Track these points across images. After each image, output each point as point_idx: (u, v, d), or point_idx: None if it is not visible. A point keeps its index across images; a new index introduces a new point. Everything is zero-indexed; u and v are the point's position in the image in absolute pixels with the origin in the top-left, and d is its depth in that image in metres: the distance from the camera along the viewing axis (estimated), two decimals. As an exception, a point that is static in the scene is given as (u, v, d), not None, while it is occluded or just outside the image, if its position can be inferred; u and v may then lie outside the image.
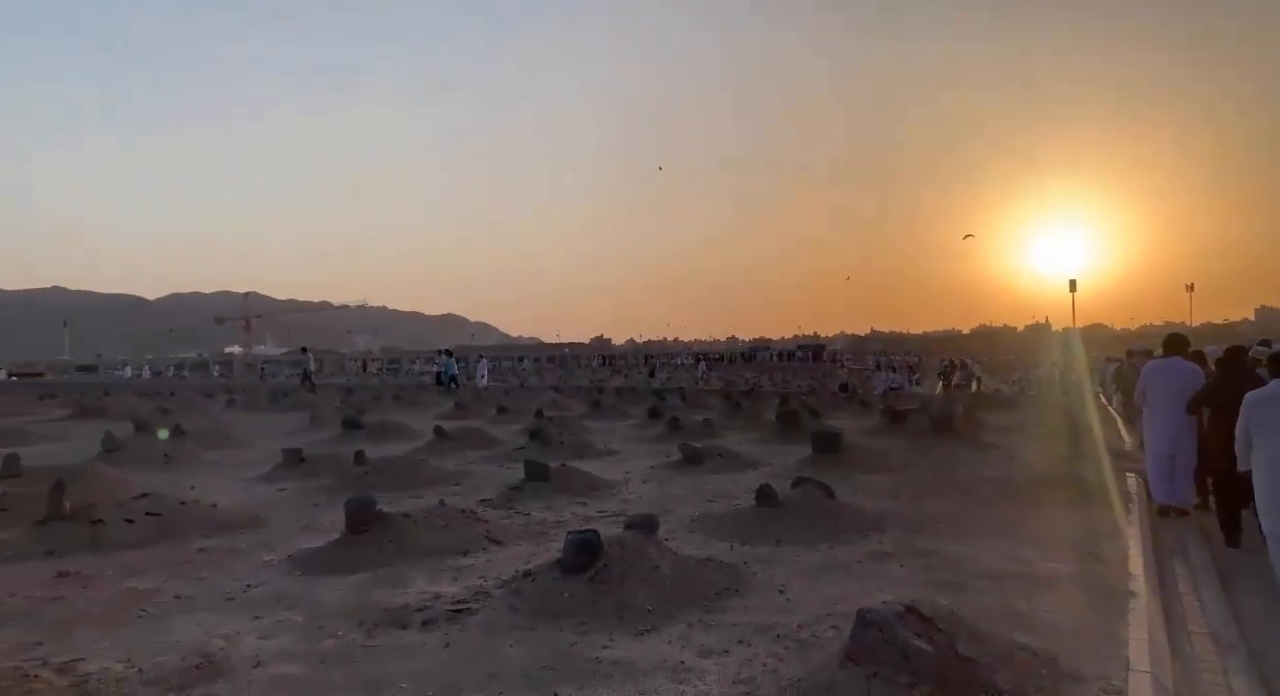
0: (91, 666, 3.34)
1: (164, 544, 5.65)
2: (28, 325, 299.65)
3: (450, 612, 3.91)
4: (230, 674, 3.27)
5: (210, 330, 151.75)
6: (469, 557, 5.07)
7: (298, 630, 3.80)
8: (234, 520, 6.35)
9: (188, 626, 3.89)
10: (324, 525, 6.30)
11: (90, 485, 7.13)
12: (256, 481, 8.61)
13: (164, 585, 4.65)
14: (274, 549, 5.55)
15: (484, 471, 9.02)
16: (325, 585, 4.54)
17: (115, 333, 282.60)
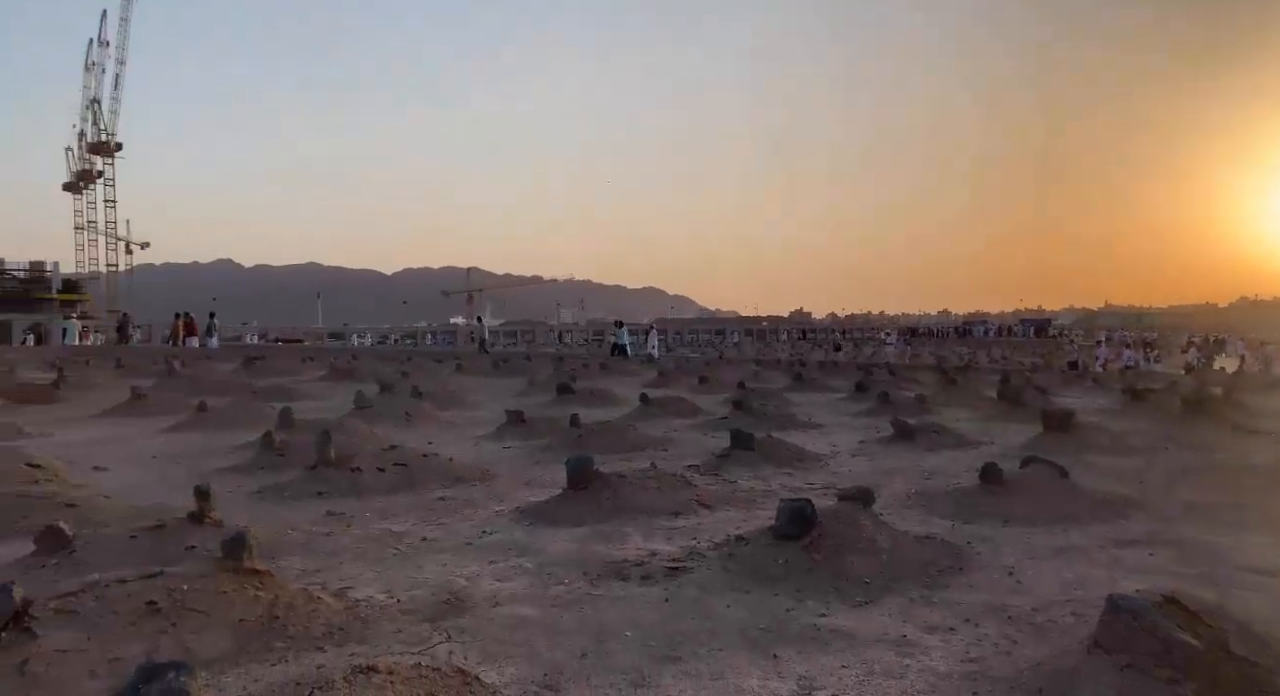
0: (360, 594, 3.78)
1: (409, 492, 6.25)
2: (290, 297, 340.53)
3: (667, 569, 4.04)
4: (473, 610, 3.57)
5: (437, 302, 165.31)
6: (680, 519, 5.20)
7: (528, 575, 4.09)
8: (467, 473, 6.91)
9: (434, 565, 4.30)
10: (545, 481, 6.71)
11: (347, 437, 8.02)
12: (484, 439, 9.30)
13: (412, 528, 5.16)
14: (503, 500, 5.99)
15: (689, 438, 9.19)
16: (550, 536, 4.84)
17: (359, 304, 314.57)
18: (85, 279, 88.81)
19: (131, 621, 3.02)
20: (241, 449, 8.30)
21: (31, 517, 4.96)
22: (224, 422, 10.25)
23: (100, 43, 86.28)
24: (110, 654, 2.85)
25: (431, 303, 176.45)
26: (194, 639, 3.04)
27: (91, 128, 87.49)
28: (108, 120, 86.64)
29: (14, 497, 5.26)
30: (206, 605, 3.22)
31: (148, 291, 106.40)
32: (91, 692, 2.65)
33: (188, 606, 3.18)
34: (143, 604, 3.11)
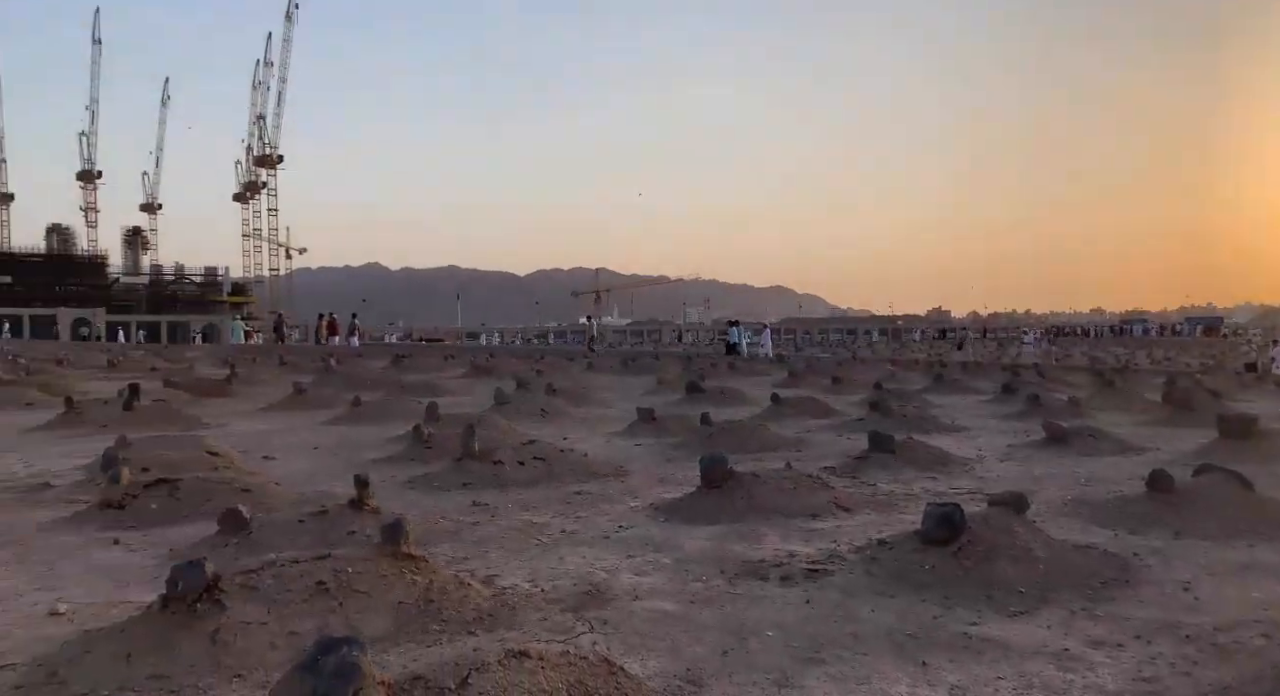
0: (506, 582, 3.93)
1: (548, 485, 6.44)
2: (431, 298, 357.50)
3: (807, 571, 3.98)
4: (614, 602, 3.64)
5: (567, 303, 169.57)
6: (818, 521, 5.10)
7: (666, 571, 4.12)
8: (602, 469, 7.04)
9: (575, 557, 4.40)
10: (677, 478, 6.75)
11: (489, 431, 8.33)
12: (616, 436, 9.45)
13: (552, 520, 5.30)
14: (637, 496, 6.06)
15: (823, 440, 9.01)
16: (685, 532, 4.87)
17: (495, 305, 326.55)
18: (251, 283, 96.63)
19: (304, 598, 3.25)
20: (392, 441, 8.78)
21: (214, 501, 5.43)
22: (376, 416, 10.88)
23: (265, 63, 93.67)
24: (288, 627, 3.08)
25: (562, 303, 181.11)
26: (358, 617, 3.24)
27: (257, 142, 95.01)
28: (271, 135, 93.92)
29: (198, 482, 5.77)
30: (368, 586, 3.43)
31: (304, 293, 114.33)
32: (273, 662, 2.87)
33: (352, 587, 3.39)
34: (313, 583, 3.34)
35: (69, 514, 5.40)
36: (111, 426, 9.39)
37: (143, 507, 5.35)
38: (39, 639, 3.18)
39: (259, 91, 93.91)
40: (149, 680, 2.74)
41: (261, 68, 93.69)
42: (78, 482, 6.53)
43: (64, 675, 2.78)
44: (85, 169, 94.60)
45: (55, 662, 2.88)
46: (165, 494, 5.50)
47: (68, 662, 2.87)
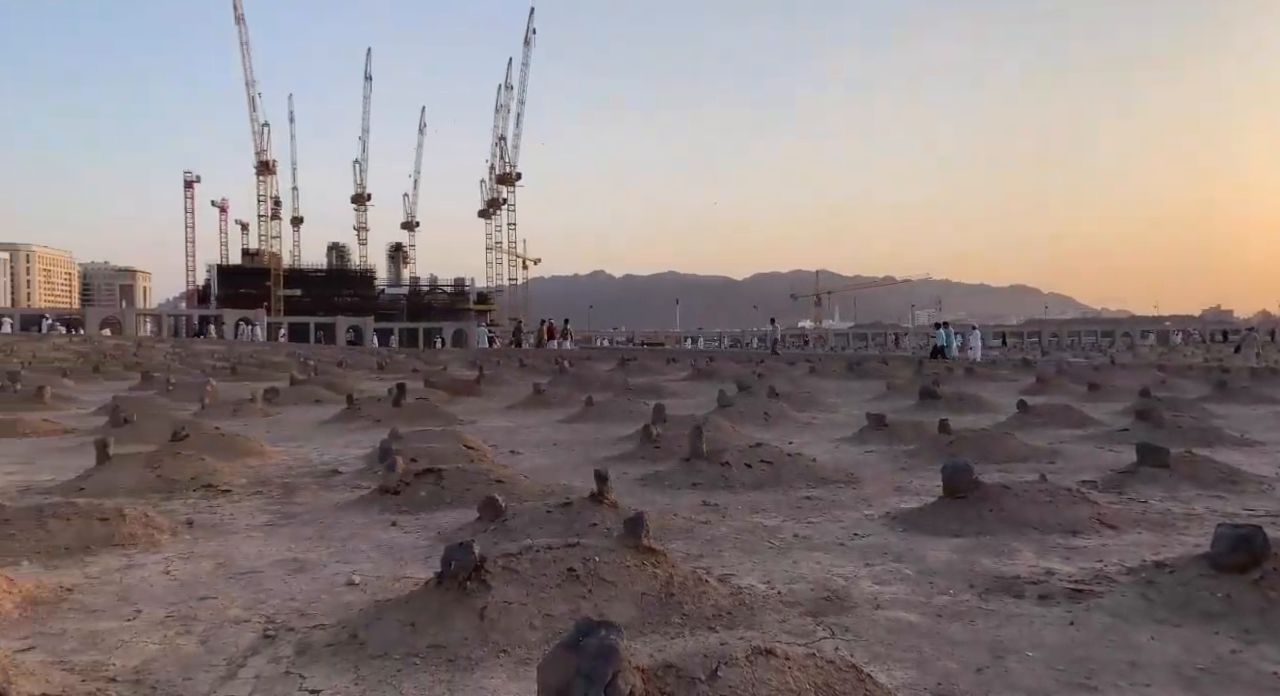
0: (742, 582, 3.96)
1: (776, 489, 6.40)
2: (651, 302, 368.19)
3: (1069, 591, 3.65)
4: (854, 610, 3.55)
5: (785, 305, 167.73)
6: (1079, 538, 4.67)
7: (908, 581, 3.96)
8: (831, 475, 6.89)
9: (809, 562, 4.35)
10: (914, 487, 6.46)
11: (714, 433, 8.44)
12: (844, 442, 9.21)
13: (783, 524, 5.27)
14: (871, 504, 5.87)
15: (1080, 451, 8.23)
16: (927, 543, 4.64)
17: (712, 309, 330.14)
18: (493, 291, 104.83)
19: (557, 583, 3.47)
20: (623, 440, 9.15)
21: (472, 490, 5.95)
22: (606, 416, 11.39)
23: (506, 87, 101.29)
24: (544, 610, 3.30)
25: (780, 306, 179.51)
26: (606, 605, 3.41)
27: (499, 161, 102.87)
28: (511, 154, 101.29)
29: (459, 472, 6.35)
30: (614, 576, 3.60)
31: (539, 300, 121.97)
32: (532, 641, 3.10)
33: (599, 575, 3.57)
34: (565, 569, 3.56)
35: (355, 497, 6.15)
36: (384, 421, 10.58)
37: (414, 494, 5.97)
38: (340, 605, 3.66)
39: (500, 114, 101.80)
40: (429, 648, 3.05)
41: (503, 91, 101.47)
42: (360, 470, 7.42)
43: (362, 637, 3.17)
44: (358, 193, 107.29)
45: (355, 626, 3.30)
46: (432, 482, 6.10)
47: (364, 627, 3.27)
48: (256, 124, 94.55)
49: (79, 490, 6.12)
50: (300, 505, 5.99)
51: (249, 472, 7.16)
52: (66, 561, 4.28)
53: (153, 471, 6.50)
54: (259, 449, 8.40)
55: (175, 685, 2.76)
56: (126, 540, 4.64)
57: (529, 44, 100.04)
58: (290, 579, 4.07)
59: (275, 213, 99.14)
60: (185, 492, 6.22)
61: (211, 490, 6.32)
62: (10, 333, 45.21)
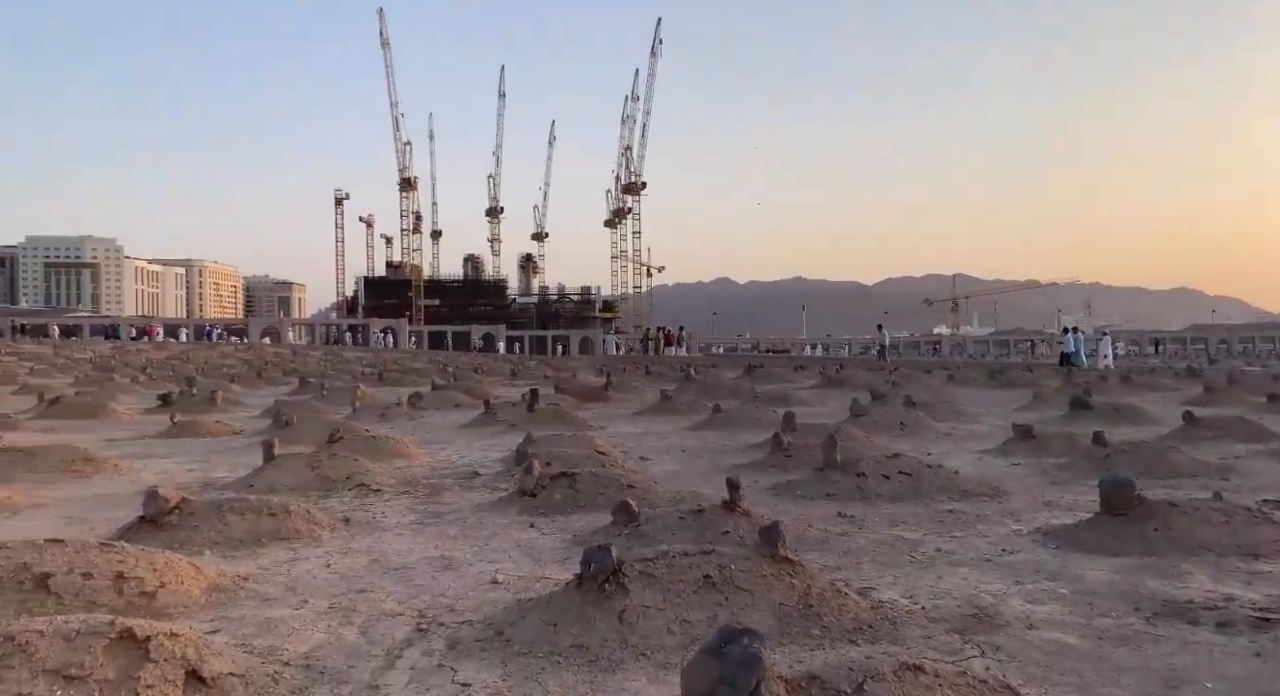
0: (882, 595, 3.85)
1: (915, 501, 6.18)
2: (776, 309, 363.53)
3: (1254, 619, 3.34)
4: (1005, 629, 3.38)
5: (918, 311, 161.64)
6: (1262, 562, 4.26)
7: (1064, 602, 3.73)
8: (974, 487, 6.59)
9: (954, 578, 4.17)
10: (1066, 503, 6.09)
11: (848, 443, 8.24)
12: (987, 454, 8.79)
13: (924, 537, 5.08)
14: (1019, 519, 5.58)
15: (1259, 467, 7.53)
16: (1083, 562, 4.37)
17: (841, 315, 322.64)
18: (618, 299, 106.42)
19: (694, 590, 3.49)
20: (752, 448, 9.07)
21: (605, 494, 6.06)
22: (734, 423, 11.33)
23: (632, 98, 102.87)
24: (681, 615, 3.32)
25: (913, 312, 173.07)
26: (743, 613, 3.39)
27: (624, 171, 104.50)
28: (636, 163, 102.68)
29: (592, 477, 6.48)
30: (750, 585, 3.57)
31: (662, 308, 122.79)
32: (670, 645, 3.12)
33: (735, 584, 3.56)
34: (701, 576, 3.57)
35: (495, 499, 6.38)
36: (519, 425, 10.93)
37: (549, 497, 6.14)
38: (486, 602, 3.80)
39: (627, 125, 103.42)
40: (572, 648, 3.13)
41: (629, 103, 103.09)
42: (498, 473, 7.69)
43: (508, 634, 3.29)
44: (491, 206, 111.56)
45: (500, 623, 3.42)
46: (566, 486, 6.25)
47: (509, 624, 3.39)
48: (399, 143, 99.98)
49: (249, 487, 6.65)
50: (445, 505, 6.28)
51: (397, 473, 7.56)
52: (241, 552, 4.66)
53: (312, 470, 6.97)
54: (406, 450, 8.86)
55: (340, 672, 2.95)
56: (292, 534, 5.00)
57: (655, 55, 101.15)
58: (439, 575, 4.27)
59: (416, 227, 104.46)
60: (341, 491, 6.63)
61: (364, 489, 6.71)
62: (187, 341, 49.67)
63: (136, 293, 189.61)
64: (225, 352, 36.88)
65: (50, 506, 6.20)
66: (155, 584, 3.57)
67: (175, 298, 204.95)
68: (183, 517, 4.94)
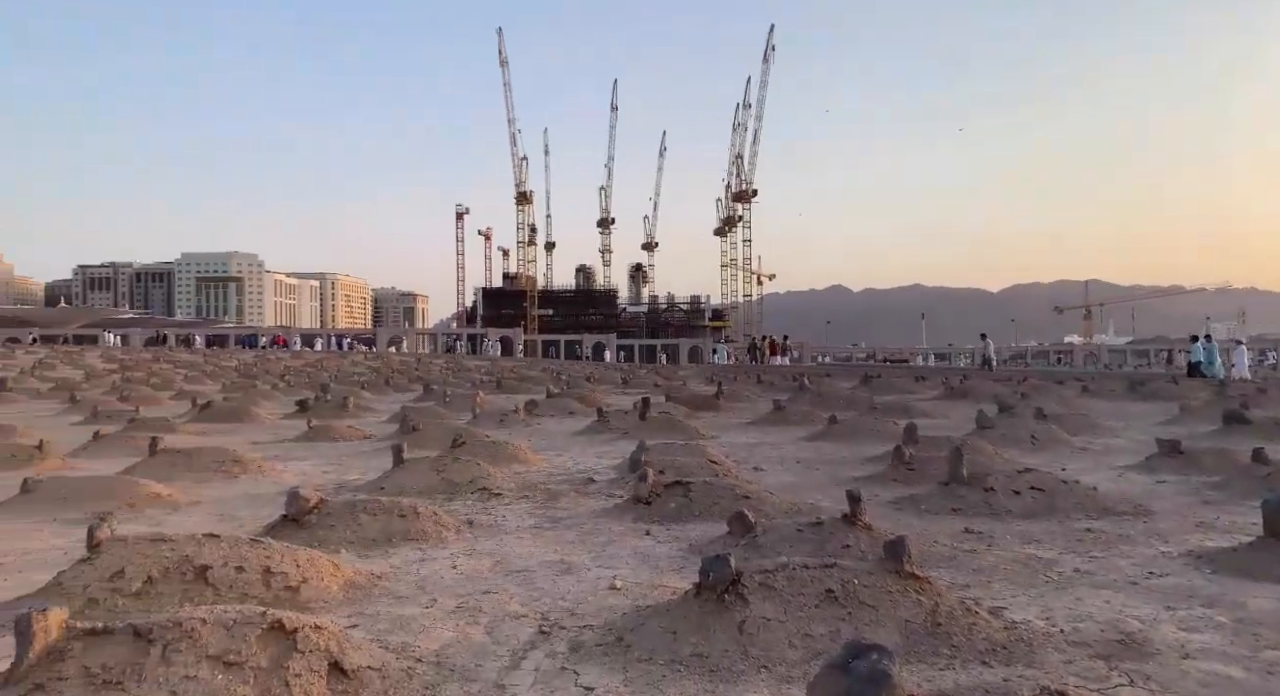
0: (1016, 616, 3.66)
1: (1049, 518, 5.86)
2: (894, 318, 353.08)
3: None
4: (1156, 657, 3.15)
5: (1048, 319, 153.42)
6: None
7: (1224, 631, 3.45)
8: (1115, 506, 6.19)
9: (1096, 600, 3.93)
10: (1222, 524, 5.64)
11: (974, 456, 7.90)
12: (1129, 470, 8.24)
13: (1060, 557, 4.81)
14: (1168, 540, 5.20)
15: None
16: (1245, 589, 4.02)
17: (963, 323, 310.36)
18: (727, 308, 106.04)
19: (815, 603, 3.42)
20: (870, 460, 8.83)
21: (720, 504, 6.03)
22: (851, 435, 11.05)
23: (744, 105, 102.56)
24: (802, 629, 3.26)
25: (1042, 320, 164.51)
26: (868, 629, 3.30)
27: (735, 179, 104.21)
28: (747, 171, 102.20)
29: (706, 486, 6.46)
30: (874, 600, 3.47)
31: (773, 317, 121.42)
32: (791, 659, 3.07)
33: (859, 598, 3.47)
34: (823, 590, 3.49)
35: (610, 505, 6.46)
36: (631, 433, 11.03)
37: (664, 505, 6.16)
38: (605, 607, 3.85)
39: (738, 132, 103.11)
40: (692, 657, 3.12)
41: (740, 110, 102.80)
42: (612, 480, 7.78)
43: (628, 640, 3.32)
44: (603, 217, 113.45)
45: (620, 629, 3.45)
46: (680, 494, 6.26)
47: (629, 630, 3.42)
48: (516, 158, 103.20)
49: (380, 489, 6.98)
50: (562, 510, 6.40)
51: (516, 478, 7.76)
52: (374, 551, 4.89)
53: (438, 474, 7.25)
54: (524, 456, 9.09)
55: (469, 670, 3.05)
56: (420, 535, 5.21)
57: (768, 61, 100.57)
58: (559, 579, 4.35)
59: (531, 239, 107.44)
60: (464, 494, 6.87)
61: (486, 493, 6.93)
62: (322, 350, 52.71)
63: (275, 304, 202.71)
64: (355, 361, 38.89)
65: (205, 504, 6.69)
66: (299, 579, 3.79)
67: (310, 309, 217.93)
68: (321, 517, 5.23)
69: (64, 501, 6.37)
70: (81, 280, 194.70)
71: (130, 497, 6.47)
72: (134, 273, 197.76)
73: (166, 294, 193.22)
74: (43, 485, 6.57)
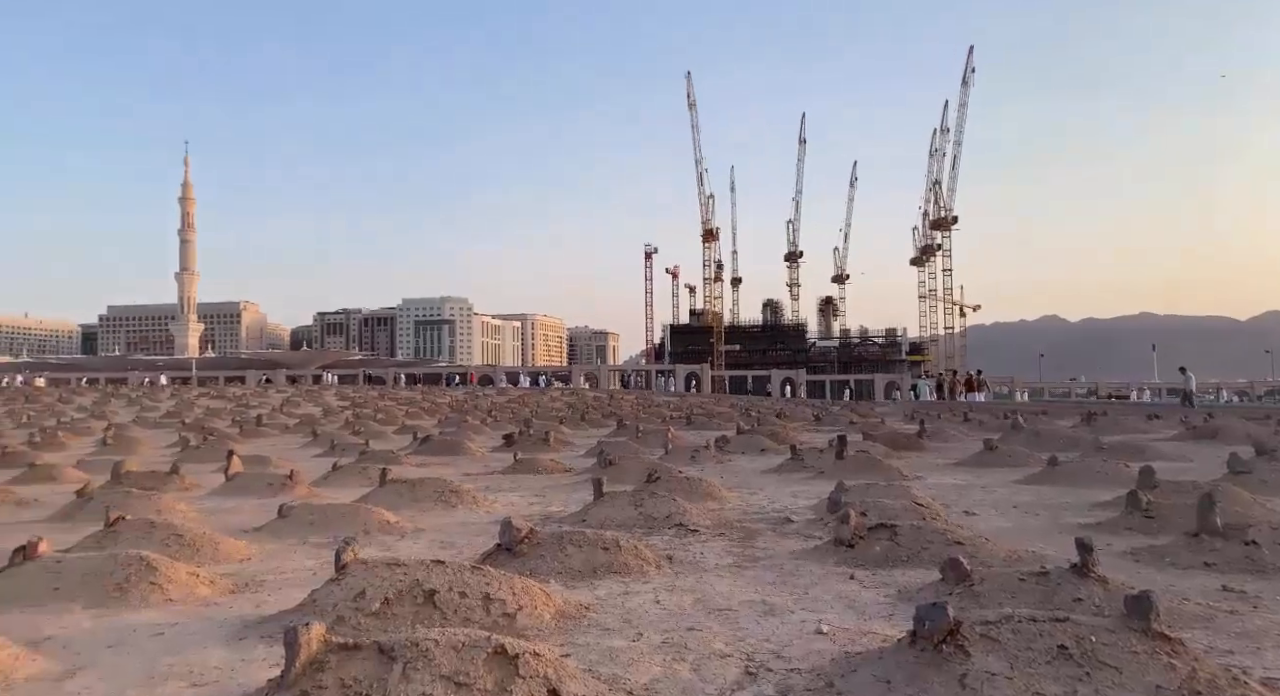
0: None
1: (1330, 579, 5.05)
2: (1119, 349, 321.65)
3: None
4: None
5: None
6: None
7: None
8: None
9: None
10: None
11: (1227, 504, 6.99)
12: None
13: (1350, 624, 4.13)
14: None
15: None
16: None
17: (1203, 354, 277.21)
18: (926, 341, 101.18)
19: (1046, 660, 3.14)
20: (1099, 506, 8.05)
21: (930, 549, 5.72)
22: (1074, 478, 10.13)
23: (941, 130, 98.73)
24: (1032, 686, 3.01)
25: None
26: (1110, 693, 2.99)
27: (932, 206, 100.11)
28: (946, 197, 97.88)
29: (914, 530, 6.15)
30: (1116, 661, 3.14)
31: (977, 349, 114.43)
32: (1023, 720, 2.82)
33: (1098, 658, 3.15)
34: (1054, 646, 3.21)
35: (810, 547, 6.30)
36: (827, 473, 10.73)
37: (868, 548, 5.92)
38: (811, 651, 3.75)
39: (935, 158, 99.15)
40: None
41: (938, 135, 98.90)
42: (810, 520, 7.59)
43: (839, 687, 3.20)
44: (790, 251, 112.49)
45: (830, 675, 3.35)
46: (886, 538, 5.99)
47: (840, 677, 3.30)
48: (703, 196, 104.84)
49: (583, 521, 7.23)
50: (760, 550, 6.32)
51: (711, 515, 7.77)
52: (580, 583, 5.06)
53: (636, 509, 7.41)
54: (717, 493, 9.09)
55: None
56: (623, 568, 5.33)
57: (967, 84, 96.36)
58: (762, 620, 4.29)
59: (718, 275, 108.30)
60: (662, 529, 6.96)
61: (682, 529, 6.98)
62: (524, 387, 55.78)
63: (482, 344, 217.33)
64: (553, 396, 40.77)
65: (427, 531, 7.23)
66: (515, 606, 4.00)
67: (512, 348, 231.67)
68: (531, 547, 5.49)
69: (311, 525, 7.12)
70: (320, 326, 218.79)
71: (365, 523, 7.11)
72: (362, 318, 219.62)
73: (390, 336, 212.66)
74: (294, 511, 7.38)
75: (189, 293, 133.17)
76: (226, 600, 4.75)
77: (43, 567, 4.74)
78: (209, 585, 4.92)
